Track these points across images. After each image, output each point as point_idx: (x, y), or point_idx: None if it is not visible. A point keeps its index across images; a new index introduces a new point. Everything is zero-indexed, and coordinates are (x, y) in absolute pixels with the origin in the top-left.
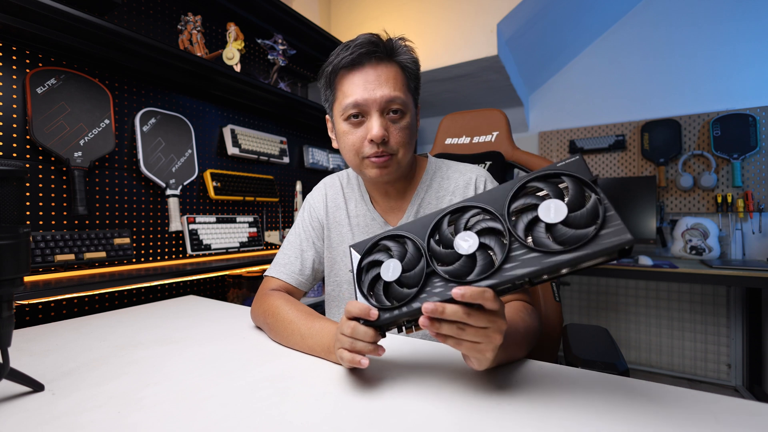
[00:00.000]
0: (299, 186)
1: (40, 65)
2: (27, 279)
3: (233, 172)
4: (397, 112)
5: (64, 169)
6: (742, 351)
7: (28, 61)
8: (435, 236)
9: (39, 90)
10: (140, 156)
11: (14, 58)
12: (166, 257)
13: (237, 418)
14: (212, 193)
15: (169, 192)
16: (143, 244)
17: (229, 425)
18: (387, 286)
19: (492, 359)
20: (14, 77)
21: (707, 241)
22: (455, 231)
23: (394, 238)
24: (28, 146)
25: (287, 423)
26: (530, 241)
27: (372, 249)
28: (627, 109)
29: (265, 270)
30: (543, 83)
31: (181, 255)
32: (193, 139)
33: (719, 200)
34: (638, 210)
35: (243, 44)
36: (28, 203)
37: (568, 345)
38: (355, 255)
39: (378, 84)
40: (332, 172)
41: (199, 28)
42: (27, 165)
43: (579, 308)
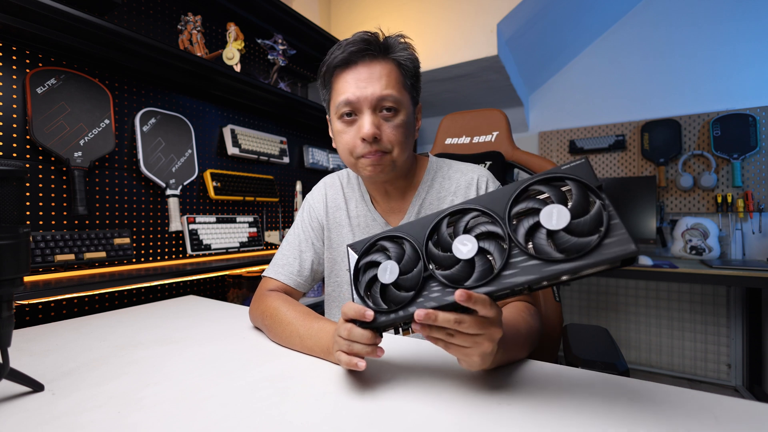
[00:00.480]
0: (299, 186)
1: (40, 65)
2: (27, 279)
3: (233, 172)
4: (390, 110)
5: (64, 169)
6: (742, 351)
7: (28, 61)
8: (434, 238)
9: (39, 90)
10: (140, 156)
11: (14, 58)
12: (166, 257)
13: (237, 418)
14: (212, 193)
15: (169, 192)
16: (143, 244)
17: (229, 425)
18: (384, 289)
19: (480, 363)
20: (14, 77)
21: (707, 241)
22: (454, 233)
23: (392, 239)
24: (28, 146)
25: (287, 423)
26: (531, 248)
27: (370, 249)
28: (627, 109)
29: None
30: (543, 83)
31: (181, 255)
32: (193, 139)
33: (719, 200)
34: (638, 210)
35: (243, 44)
36: (28, 203)
37: (568, 345)
38: (353, 255)
39: (369, 81)
40: (332, 172)
41: (199, 28)
42: (27, 165)
43: (579, 308)
